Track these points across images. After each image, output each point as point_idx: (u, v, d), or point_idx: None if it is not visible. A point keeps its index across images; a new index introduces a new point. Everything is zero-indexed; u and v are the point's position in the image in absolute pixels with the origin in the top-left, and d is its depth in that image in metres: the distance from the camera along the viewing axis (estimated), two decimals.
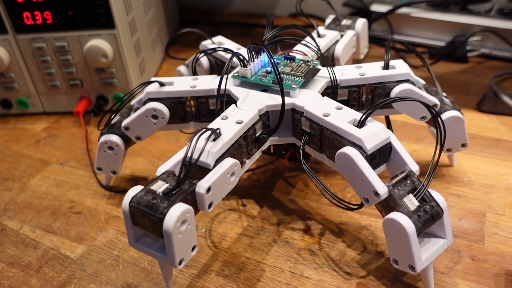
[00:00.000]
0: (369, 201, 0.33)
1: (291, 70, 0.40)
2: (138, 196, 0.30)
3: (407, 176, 0.33)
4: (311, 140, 0.37)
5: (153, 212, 0.29)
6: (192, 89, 0.40)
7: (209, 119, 0.41)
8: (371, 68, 0.41)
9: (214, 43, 0.50)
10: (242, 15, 0.90)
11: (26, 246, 0.41)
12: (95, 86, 0.58)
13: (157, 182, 0.31)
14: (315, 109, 0.36)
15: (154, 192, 0.30)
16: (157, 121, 0.40)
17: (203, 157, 0.32)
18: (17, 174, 0.50)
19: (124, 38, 0.54)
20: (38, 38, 0.54)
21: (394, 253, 0.33)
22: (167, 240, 0.29)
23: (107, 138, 0.42)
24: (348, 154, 0.32)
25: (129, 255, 0.39)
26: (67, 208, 0.45)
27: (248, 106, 0.37)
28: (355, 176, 0.33)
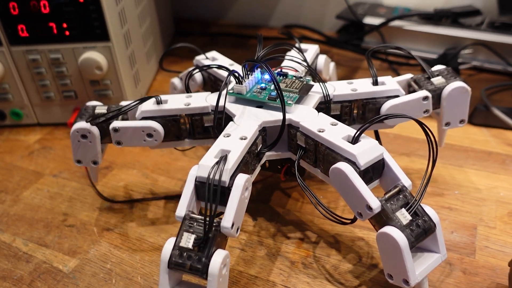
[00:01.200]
0: (362, 215, 0.33)
1: (285, 86, 0.41)
2: (174, 259, 0.31)
3: (399, 191, 0.33)
4: (306, 155, 0.38)
5: (196, 272, 0.30)
6: (186, 107, 0.40)
7: (204, 136, 0.41)
8: (362, 84, 0.42)
9: (208, 58, 0.50)
10: (236, 26, 0.91)
11: (18, 259, 0.41)
12: (89, 98, 0.58)
13: (183, 235, 0.31)
14: (310, 125, 0.36)
15: (187, 249, 0.31)
16: (150, 140, 0.40)
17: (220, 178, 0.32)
18: (10, 186, 0.50)
19: (118, 51, 0.55)
20: (32, 50, 0.54)
21: (389, 268, 0.33)
22: (211, 283, 0.30)
23: (78, 126, 0.40)
24: (341, 170, 0.33)
25: (122, 269, 0.39)
26: (60, 221, 0.45)
27: (246, 122, 0.38)
28: (349, 191, 0.33)
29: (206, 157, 0.33)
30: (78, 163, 0.42)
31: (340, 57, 0.75)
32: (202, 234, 0.31)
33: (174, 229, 0.43)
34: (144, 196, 0.47)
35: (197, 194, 0.33)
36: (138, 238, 0.42)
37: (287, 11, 0.88)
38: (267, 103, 0.40)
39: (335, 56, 0.76)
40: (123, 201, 0.47)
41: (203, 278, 0.30)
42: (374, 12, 0.74)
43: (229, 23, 0.92)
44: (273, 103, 0.39)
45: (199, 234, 0.31)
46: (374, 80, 0.42)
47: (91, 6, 0.51)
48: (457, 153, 0.51)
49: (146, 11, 0.68)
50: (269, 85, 0.41)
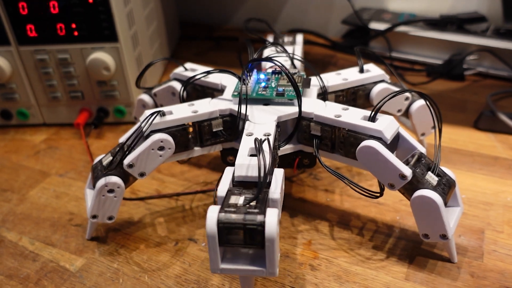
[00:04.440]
0: (394, 185, 0.35)
1: (287, 82, 0.42)
2: (224, 215, 0.29)
3: (419, 157, 0.36)
4: (322, 143, 0.39)
5: (248, 222, 0.28)
6: (194, 114, 0.39)
7: (213, 142, 0.41)
8: (350, 73, 0.46)
9: (187, 69, 0.48)
10: (241, 30, 0.91)
11: (25, 258, 0.41)
12: (96, 99, 0.58)
13: (231, 198, 0.30)
14: (325, 113, 0.38)
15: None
16: (164, 153, 0.38)
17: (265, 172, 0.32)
18: (16, 185, 0.50)
19: (126, 52, 0.55)
20: (40, 50, 0.54)
21: (424, 229, 0.36)
22: (270, 247, 0.28)
23: (107, 180, 0.37)
24: (372, 146, 0.35)
25: (129, 268, 0.39)
26: (67, 220, 0.45)
27: (262, 120, 0.38)
28: (379, 165, 0.35)
29: (241, 158, 0.33)
30: (94, 218, 0.39)
31: (345, 61, 0.75)
32: (251, 195, 0.30)
33: (182, 230, 0.43)
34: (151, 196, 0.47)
35: None
36: (145, 238, 0.42)
37: (292, 16, 0.88)
38: (273, 99, 0.41)
39: (340, 61, 0.76)
40: (129, 198, 0.47)
41: (257, 242, 0.28)
42: (380, 18, 0.75)
43: (234, 28, 0.93)
44: (280, 98, 0.40)
45: (248, 196, 0.30)
46: (360, 68, 0.46)
47: (100, 7, 0.51)
48: (463, 158, 0.51)
49: (153, 13, 0.68)
50: (269, 83, 0.42)
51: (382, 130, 0.36)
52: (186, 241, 0.42)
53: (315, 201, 0.46)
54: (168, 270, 0.39)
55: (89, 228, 0.42)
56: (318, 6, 0.85)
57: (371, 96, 0.45)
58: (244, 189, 0.31)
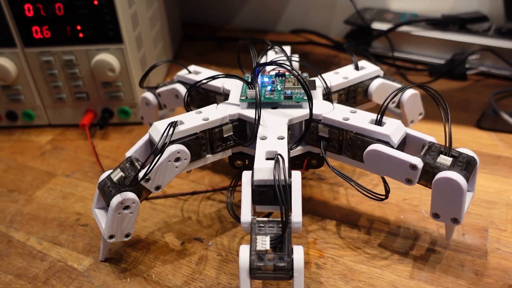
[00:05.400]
0: (411, 179, 0.35)
1: (293, 85, 0.42)
2: (255, 264, 0.31)
3: (429, 146, 0.36)
4: (330, 144, 0.40)
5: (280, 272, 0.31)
6: (206, 122, 0.39)
7: (224, 147, 0.41)
8: (347, 71, 0.47)
9: (191, 72, 0.49)
10: (244, 31, 0.92)
11: (33, 258, 0.41)
12: (101, 100, 0.58)
13: (257, 239, 0.32)
14: (333, 115, 0.39)
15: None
16: (180, 164, 0.37)
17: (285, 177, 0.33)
18: (22, 186, 0.51)
19: (131, 53, 0.55)
20: (46, 51, 0.55)
21: (437, 208, 0.36)
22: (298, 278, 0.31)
23: (123, 197, 0.36)
24: (378, 150, 0.36)
25: (136, 268, 0.39)
26: (74, 220, 0.45)
27: (274, 123, 0.39)
28: (388, 165, 0.36)
29: (259, 161, 0.34)
30: (111, 238, 0.37)
31: (348, 61, 0.75)
32: (275, 234, 0.31)
33: (188, 230, 0.43)
34: (154, 194, 0.48)
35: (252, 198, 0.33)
36: (152, 237, 0.43)
37: (294, 16, 0.89)
38: (281, 103, 0.41)
39: (342, 61, 0.76)
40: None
41: (287, 277, 0.30)
42: (382, 18, 0.75)
43: (236, 28, 0.93)
44: (288, 101, 0.41)
45: (273, 234, 0.31)
46: (355, 65, 0.47)
47: (105, 8, 0.52)
48: None
49: (157, 15, 0.68)
50: (274, 86, 0.42)
51: (389, 134, 0.36)
52: (192, 241, 0.42)
53: (320, 200, 0.46)
54: (175, 270, 0.39)
55: (103, 249, 0.40)
56: (320, 6, 0.86)
57: (369, 92, 0.47)
58: (268, 223, 0.32)
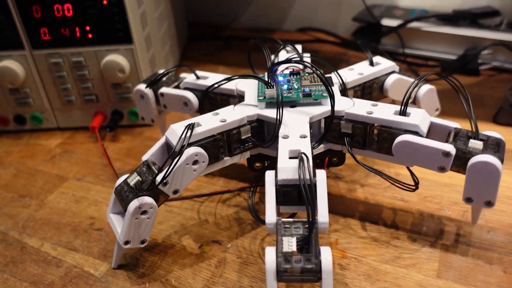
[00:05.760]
0: (445, 167, 0.35)
1: (310, 82, 0.41)
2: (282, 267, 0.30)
3: (456, 133, 0.36)
4: (354, 140, 0.39)
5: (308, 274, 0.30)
6: (224, 123, 0.38)
7: (242, 149, 0.40)
8: (362, 67, 0.46)
9: (199, 77, 0.47)
10: (250, 30, 0.91)
11: (48, 264, 0.40)
12: (110, 101, 0.57)
13: (283, 241, 0.31)
14: (356, 110, 0.38)
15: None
16: (198, 167, 0.36)
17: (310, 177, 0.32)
18: (34, 190, 0.50)
19: (141, 53, 0.54)
20: (54, 53, 0.54)
21: (471, 193, 0.35)
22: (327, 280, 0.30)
23: (141, 201, 0.34)
24: (406, 140, 0.35)
25: (156, 273, 0.38)
26: (88, 224, 0.44)
27: (296, 121, 0.38)
28: (420, 155, 0.35)
29: (282, 161, 0.33)
30: (126, 244, 0.36)
31: (358, 59, 0.74)
32: (301, 235, 0.30)
33: (205, 232, 0.42)
34: (171, 197, 0.47)
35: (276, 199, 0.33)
36: (169, 241, 0.42)
37: (301, 14, 0.88)
38: (299, 101, 0.40)
39: (352, 58, 0.75)
40: None
41: (315, 279, 0.29)
42: (391, 14, 0.74)
43: (242, 27, 0.92)
44: (307, 99, 0.40)
45: (299, 235, 0.30)
46: (370, 61, 0.47)
47: (114, 8, 0.51)
48: None
49: (164, 14, 0.67)
50: (290, 84, 0.41)
51: (418, 124, 0.36)
52: (211, 244, 0.41)
53: (338, 199, 0.45)
54: (195, 273, 0.38)
55: (116, 255, 0.39)
56: (327, 4, 0.85)
57: (385, 88, 0.46)
58: (294, 223, 0.31)
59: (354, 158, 0.38)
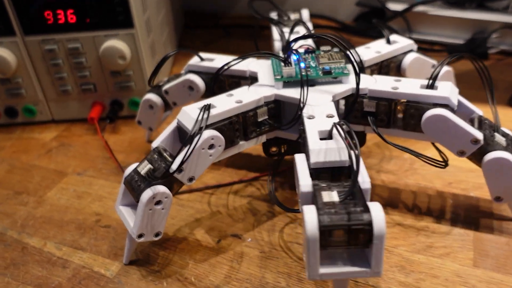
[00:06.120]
0: (465, 152, 0.34)
1: (328, 60, 0.39)
2: (326, 218, 0.26)
3: (480, 120, 0.35)
4: (378, 119, 0.37)
5: (354, 222, 0.25)
6: (240, 105, 0.35)
7: (258, 133, 0.37)
8: (379, 45, 0.45)
9: (204, 59, 0.44)
10: (248, 17, 0.88)
11: (53, 265, 0.37)
12: (109, 91, 0.54)
13: (322, 194, 0.27)
14: (380, 87, 0.36)
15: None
16: (214, 151, 0.34)
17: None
18: (31, 187, 0.46)
19: (142, 39, 0.51)
20: (49, 39, 0.50)
21: (498, 191, 0.35)
22: (378, 245, 0.25)
23: (155, 190, 0.33)
24: (442, 114, 0.34)
25: (171, 270, 0.36)
26: (93, 221, 0.41)
27: (317, 101, 0.35)
28: (449, 133, 0.34)
29: (313, 142, 0.30)
30: (140, 237, 0.34)
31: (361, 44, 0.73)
32: (344, 188, 0.27)
33: (221, 225, 0.40)
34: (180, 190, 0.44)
35: None
36: (182, 236, 0.39)
37: (299, 0, 0.85)
38: (319, 79, 0.38)
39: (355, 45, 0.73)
40: None
41: (366, 239, 0.26)
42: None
43: (239, 15, 0.89)
44: (327, 77, 0.38)
45: (341, 191, 0.27)
46: (387, 39, 0.45)
47: None
48: None
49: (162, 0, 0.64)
50: (307, 63, 0.39)
51: (449, 96, 0.34)
52: (229, 238, 0.38)
53: None
54: (215, 270, 0.36)
55: (128, 250, 0.36)
56: None
57: (403, 67, 0.45)
58: (331, 182, 0.28)
59: (382, 138, 0.36)
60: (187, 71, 0.44)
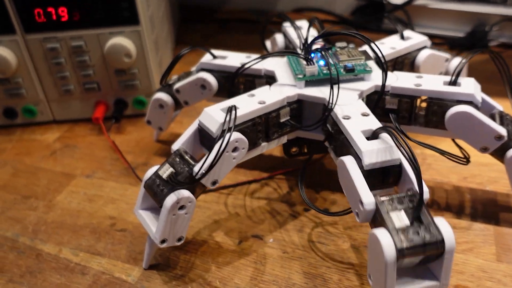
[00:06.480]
0: (488, 148, 0.34)
1: (348, 57, 0.38)
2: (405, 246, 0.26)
3: (501, 116, 0.35)
4: (400, 116, 0.37)
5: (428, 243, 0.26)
6: (263, 106, 0.34)
7: (280, 134, 0.36)
8: (393, 41, 0.45)
9: (216, 57, 0.44)
10: (244, 12, 0.87)
11: (71, 272, 0.36)
12: (113, 90, 0.52)
13: (392, 216, 0.27)
14: (402, 84, 0.36)
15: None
16: (238, 154, 0.33)
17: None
18: (39, 190, 0.45)
19: (147, 35, 0.50)
20: (51, 37, 0.48)
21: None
22: (448, 259, 0.27)
23: (179, 195, 0.32)
24: (467, 112, 0.33)
25: (195, 274, 0.35)
26: (109, 225, 0.40)
27: (345, 100, 0.35)
28: (473, 129, 0.34)
29: (362, 143, 0.30)
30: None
31: None
32: (409, 207, 0.27)
33: (241, 226, 0.39)
34: None
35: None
36: (202, 238, 0.38)
37: None
38: (341, 77, 0.37)
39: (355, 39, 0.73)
40: None
41: (438, 255, 0.26)
42: None
43: (235, 9, 0.88)
44: (350, 75, 0.37)
45: (407, 209, 0.27)
46: (401, 34, 0.45)
47: None
48: None
49: None
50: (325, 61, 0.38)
51: (473, 93, 0.34)
52: (251, 239, 0.38)
53: None
54: (240, 272, 0.35)
55: (148, 255, 0.35)
56: None
57: (417, 64, 0.44)
58: (395, 197, 0.28)
59: (405, 135, 0.36)
60: (199, 69, 0.43)
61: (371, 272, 0.28)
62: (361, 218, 0.28)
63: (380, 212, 0.27)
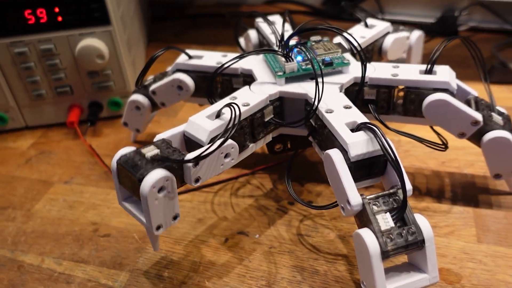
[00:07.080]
0: (465, 133, 0.35)
1: (325, 50, 0.38)
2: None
3: (476, 101, 0.36)
4: (378, 106, 0.38)
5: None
6: (248, 108, 0.34)
7: (265, 133, 0.36)
8: (360, 31, 0.45)
9: (192, 57, 0.43)
10: (215, 6, 0.86)
11: (55, 282, 0.35)
12: (87, 92, 0.51)
13: (377, 218, 0.28)
14: (380, 74, 0.37)
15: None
16: (227, 161, 0.33)
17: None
18: (15, 200, 0.44)
19: (119, 35, 0.49)
20: (18, 42, 0.47)
21: (497, 169, 0.36)
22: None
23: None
24: (443, 99, 0.34)
25: (183, 275, 0.35)
26: (91, 231, 0.39)
27: (329, 95, 0.35)
28: (450, 116, 0.35)
29: (347, 135, 0.30)
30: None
31: None
32: (392, 208, 0.29)
33: (226, 224, 0.39)
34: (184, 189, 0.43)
35: None
36: (187, 238, 0.38)
37: None
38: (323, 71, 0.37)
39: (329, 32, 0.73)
40: None
41: (419, 249, 0.28)
42: None
43: (206, 4, 0.87)
44: (328, 69, 0.38)
45: (392, 209, 0.29)
46: (365, 24, 0.46)
47: None
48: None
49: None
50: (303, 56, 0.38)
51: (449, 81, 0.35)
52: (237, 236, 0.38)
53: None
54: (229, 271, 0.35)
55: (153, 240, 0.33)
56: None
57: (384, 49, 0.46)
58: (380, 195, 0.29)
59: (385, 125, 0.37)
60: (175, 70, 0.43)
61: (363, 278, 0.29)
62: (347, 214, 0.29)
63: (366, 212, 0.28)
